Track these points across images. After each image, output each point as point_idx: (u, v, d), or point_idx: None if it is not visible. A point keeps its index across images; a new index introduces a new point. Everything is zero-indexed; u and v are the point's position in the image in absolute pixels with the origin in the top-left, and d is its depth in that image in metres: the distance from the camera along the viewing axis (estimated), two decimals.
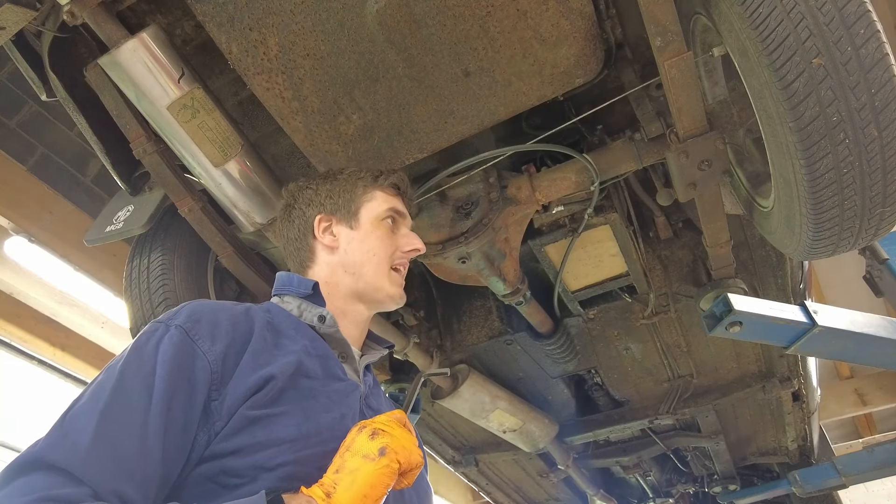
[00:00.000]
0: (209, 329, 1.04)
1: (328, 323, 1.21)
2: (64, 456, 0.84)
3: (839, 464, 3.27)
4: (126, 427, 0.89)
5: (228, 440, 0.96)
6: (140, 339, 1.01)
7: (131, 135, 1.75)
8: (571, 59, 1.54)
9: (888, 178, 1.27)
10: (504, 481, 4.00)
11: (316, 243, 1.34)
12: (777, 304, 1.98)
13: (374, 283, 1.30)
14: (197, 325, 1.03)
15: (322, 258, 1.33)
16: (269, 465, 0.96)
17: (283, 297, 1.28)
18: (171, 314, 1.06)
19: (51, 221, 3.57)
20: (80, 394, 0.97)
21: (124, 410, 0.90)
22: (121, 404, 0.91)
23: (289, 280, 1.29)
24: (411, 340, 2.45)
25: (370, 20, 1.48)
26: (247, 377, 1.02)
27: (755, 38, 1.22)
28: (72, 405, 0.94)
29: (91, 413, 0.89)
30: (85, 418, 0.88)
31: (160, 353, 0.97)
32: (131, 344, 1.02)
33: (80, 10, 1.47)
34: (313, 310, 1.23)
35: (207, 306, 1.10)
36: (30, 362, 4.42)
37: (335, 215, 1.35)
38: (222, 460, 0.95)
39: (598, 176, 1.81)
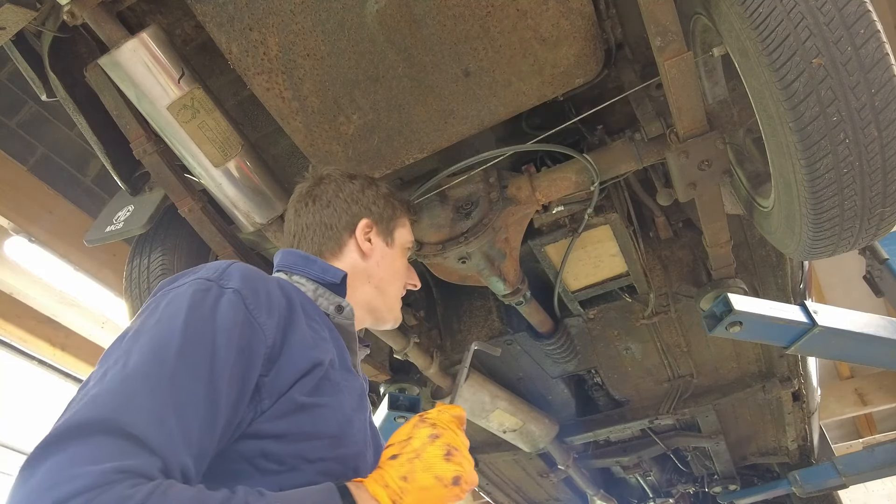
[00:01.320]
0: (265, 300, 0.98)
1: (345, 314, 1.19)
2: (134, 420, 0.76)
3: (839, 464, 3.27)
4: (192, 397, 0.82)
5: (273, 422, 0.92)
6: (194, 296, 0.93)
7: (131, 135, 1.75)
8: (571, 59, 1.54)
9: (888, 178, 1.27)
10: (504, 481, 4.00)
11: (351, 241, 1.31)
12: (777, 304, 1.98)
13: (389, 304, 1.35)
14: (254, 295, 0.97)
15: (350, 257, 1.30)
16: (310, 457, 0.94)
17: (293, 275, 1.23)
18: (220, 272, 0.99)
19: (51, 221, 3.58)
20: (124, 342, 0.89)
21: (189, 378, 0.83)
22: (186, 371, 0.84)
23: (305, 261, 1.24)
24: (411, 340, 2.45)
25: (370, 20, 1.48)
26: (296, 357, 0.99)
27: (755, 38, 1.22)
28: (122, 357, 0.85)
29: (158, 377, 0.81)
30: (152, 381, 0.81)
31: (219, 319, 0.90)
32: (181, 297, 0.93)
33: (80, 10, 1.47)
34: (331, 297, 1.20)
35: (256, 273, 1.04)
36: (30, 362, 4.43)
37: (378, 225, 1.35)
38: (263, 441, 0.91)
39: (598, 176, 1.81)
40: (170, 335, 0.86)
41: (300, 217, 1.34)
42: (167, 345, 0.85)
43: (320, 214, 1.32)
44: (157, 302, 0.95)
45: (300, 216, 1.34)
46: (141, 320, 0.92)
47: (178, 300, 0.92)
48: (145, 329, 0.89)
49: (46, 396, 4.57)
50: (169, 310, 0.91)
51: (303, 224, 1.33)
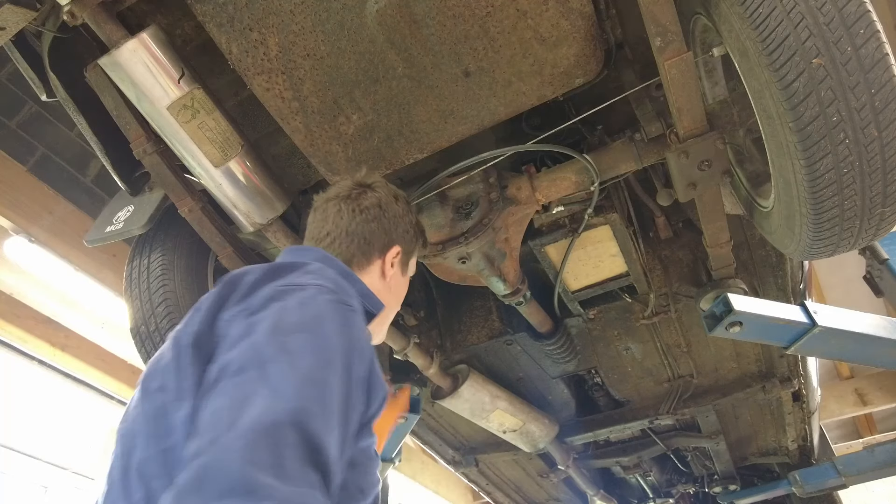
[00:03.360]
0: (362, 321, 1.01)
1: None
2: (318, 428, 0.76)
3: (839, 464, 3.26)
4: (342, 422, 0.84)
5: (352, 449, 0.92)
6: (331, 306, 0.94)
7: (131, 135, 1.75)
8: (571, 59, 1.54)
9: (888, 178, 1.27)
10: (504, 481, 4.00)
11: (378, 261, 1.32)
12: (777, 304, 1.98)
13: (384, 328, 1.38)
14: (359, 315, 1.00)
15: (371, 277, 1.31)
16: (364, 487, 0.96)
17: None
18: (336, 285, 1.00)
19: (51, 221, 3.58)
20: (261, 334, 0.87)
21: (341, 399, 0.85)
22: (344, 388, 0.86)
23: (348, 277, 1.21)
24: (411, 340, 2.45)
25: (370, 20, 1.48)
26: (378, 388, 0.99)
27: (755, 38, 1.22)
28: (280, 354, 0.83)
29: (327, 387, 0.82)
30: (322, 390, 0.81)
31: (355, 339, 0.92)
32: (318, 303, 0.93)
33: (80, 10, 1.47)
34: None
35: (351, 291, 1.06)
36: (30, 362, 4.43)
37: (404, 255, 1.38)
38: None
39: (598, 176, 1.81)
40: (327, 345, 0.87)
41: (342, 219, 1.32)
42: (327, 354, 0.85)
43: (364, 227, 1.31)
44: (283, 300, 0.94)
45: (342, 218, 1.32)
46: (274, 316, 0.90)
47: (313, 305, 0.93)
48: (289, 327, 0.88)
49: (46, 397, 4.57)
50: (309, 313, 0.91)
51: (344, 228, 1.31)
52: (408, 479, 6.69)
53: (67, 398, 4.71)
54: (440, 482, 7.25)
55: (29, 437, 4.39)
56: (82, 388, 4.79)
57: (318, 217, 1.35)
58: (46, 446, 4.47)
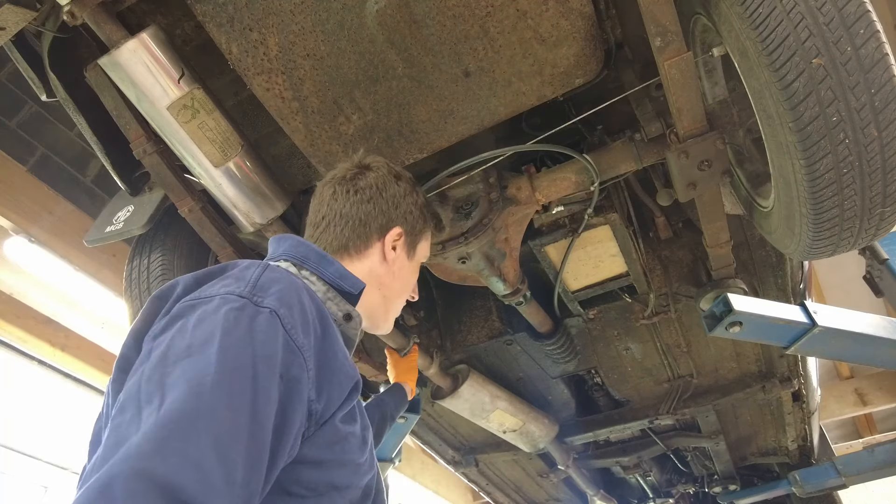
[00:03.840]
0: (300, 316, 0.91)
1: (353, 324, 1.14)
2: (170, 470, 0.69)
3: (839, 464, 3.26)
4: (233, 436, 0.75)
5: (313, 449, 0.89)
6: (227, 317, 0.85)
7: (131, 135, 1.75)
8: (571, 59, 1.54)
9: (888, 178, 1.27)
10: (504, 481, 4.00)
11: (377, 244, 1.27)
12: (777, 304, 1.98)
13: (389, 315, 1.34)
14: (290, 312, 0.90)
15: (371, 260, 1.26)
16: (339, 484, 0.93)
17: (302, 269, 1.14)
18: (251, 286, 0.92)
19: (51, 221, 3.58)
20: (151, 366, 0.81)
21: (230, 415, 0.76)
22: (225, 407, 0.76)
23: (321, 259, 1.15)
24: (411, 340, 2.45)
25: (370, 20, 1.48)
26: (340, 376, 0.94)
27: (755, 38, 1.22)
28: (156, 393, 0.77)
29: (195, 418, 0.74)
30: (187, 423, 0.73)
31: (257, 344, 0.83)
32: (212, 317, 0.86)
33: (80, 10, 1.47)
34: (342, 304, 1.13)
35: (287, 282, 0.96)
36: (30, 362, 4.43)
37: (407, 236, 1.32)
38: (300, 467, 0.87)
39: (598, 176, 1.81)
40: (204, 367, 0.78)
41: (336, 202, 1.28)
42: (202, 379, 0.77)
43: (359, 208, 1.27)
44: (185, 317, 0.88)
45: (336, 201, 1.28)
46: (168, 340, 0.85)
47: (209, 321, 0.85)
48: (176, 355, 0.82)
49: (46, 397, 4.57)
50: (200, 333, 0.83)
51: (338, 210, 1.27)
52: (408, 479, 6.69)
53: (67, 398, 4.71)
54: (440, 482, 7.25)
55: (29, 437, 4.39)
56: (82, 388, 4.79)
57: (316, 202, 1.32)
58: (46, 446, 4.47)
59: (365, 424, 1.05)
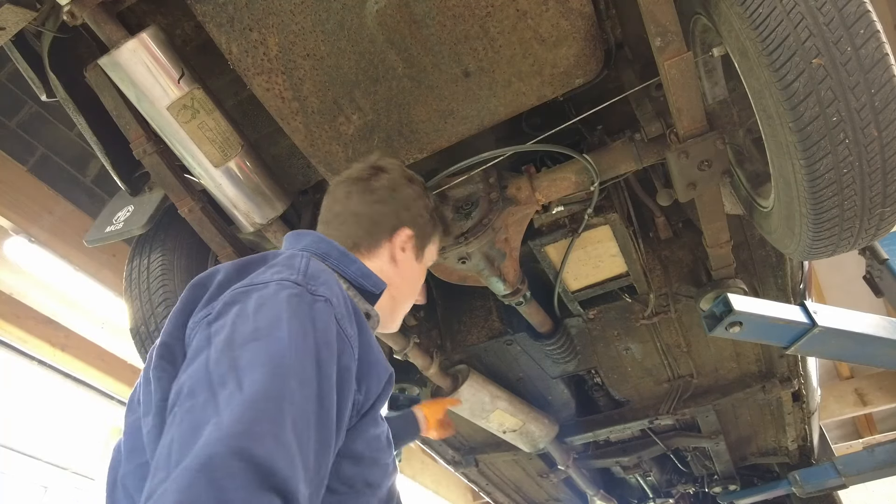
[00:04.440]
0: (345, 308, 0.92)
1: (371, 323, 1.14)
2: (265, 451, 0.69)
3: (839, 464, 3.26)
4: (307, 421, 0.77)
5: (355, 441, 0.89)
6: (291, 303, 0.86)
7: (131, 135, 1.75)
8: (571, 59, 1.54)
9: (888, 178, 1.27)
10: (504, 481, 3.99)
11: (386, 245, 1.28)
12: (777, 304, 1.98)
13: (396, 316, 1.35)
14: (340, 304, 0.91)
15: (380, 261, 1.26)
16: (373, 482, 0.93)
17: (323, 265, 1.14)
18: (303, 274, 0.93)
19: (51, 221, 3.58)
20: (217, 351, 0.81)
21: (304, 401, 0.78)
22: (301, 393, 0.78)
23: (343, 257, 1.16)
24: (411, 341, 2.45)
25: (370, 20, 1.48)
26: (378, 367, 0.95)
27: (755, 38, 1.22)
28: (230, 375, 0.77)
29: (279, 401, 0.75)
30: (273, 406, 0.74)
31: (319, 333, 0.84)
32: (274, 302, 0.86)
33: (80, 10, 1.47)
34: (362, 303, 1.13)
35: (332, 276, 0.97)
36: (30, 362, 4.43)
37: (417, 238, 1.32)
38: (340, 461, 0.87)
39: (597, 176, 1.81)
40: (280, 350, 0.80)
41: (350, 201, 1.29)
42: (280, 361, 0.78)
43: (372, 208, 1.28)
44: (242, 303, 0.88)
45: (350, 200, 1.29)
46: (230, 324, 0.85)
47: (271, 305, 0.86)
48: (243, 338, 0.82)
49: (46, 397, 4.57)
50: (265, 317, 0.84)
51: (352, 210, 1.28)
52: (408, 479, 6.69)
53: (67, 398, 4.71)
54: (440, 482, 7.25)
55: (29, 437, 4.39)
56: (82, 388, 4.79)
57: (329, 199, 1.33)
58: (46, 446, 4.47)
59: (387, 429, 1.06)
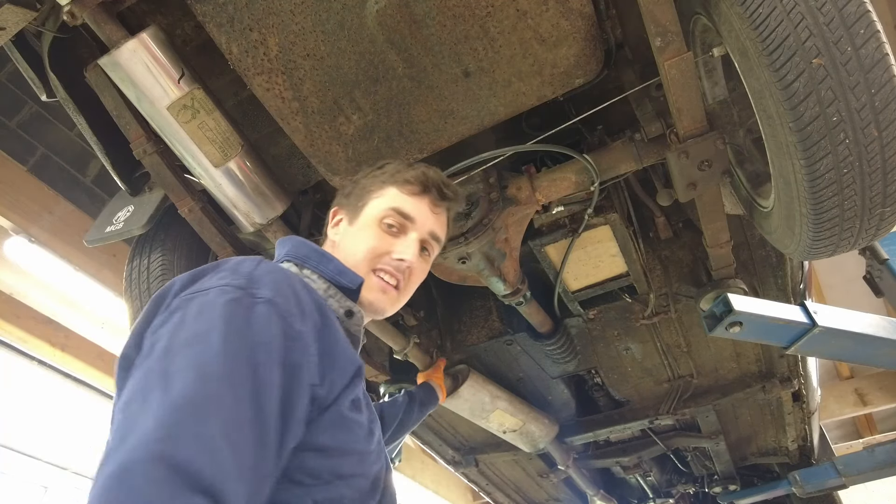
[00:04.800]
0: (296, 305, 0.94)
1: (355, 320, 1.16)
2: (188, 455, 0.70)
3: (840, 464, 3.26)
4: (240, 422, 0.77)
5: (317, 435, 0.90)
6: (227, 308, 0.87)
7: (131, 135, 1.75)
8: (571, 59, 1.54)
9: (888, 178, 1.27)
10: (504, 481, 3.99)
11: (328, 232, 1.34)
12: (777, 304, 1.98)
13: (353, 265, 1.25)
14: (286, 302, 0.92)
15: (326, 249, 1.28)
16: (343, 472, 0.93)
17: (304, 269, 1.17)
18: (247, 278, 0.94)
19: (51, 221, 3.58)
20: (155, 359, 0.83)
21: (235, 402, 0.78)
22: (231, 395, 0.78)
23: (321, 257, 1.18)
24: (411, 340, 2.45)
25: (370, 20, 1.48)
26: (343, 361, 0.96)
27: (755, 38, 1.22)
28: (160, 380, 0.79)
29: (205, 404, 0.76)
30: (200, 409, 0.75)
31: (255, 334, 0.86)
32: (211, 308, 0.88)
33: (80, 10, 1.47)
34: (343, 301, 1.15)
35: (282, 274, 0.99)
36: (30, 362, 4.43)
37: (344, 209, 1.33)
38: (305, 453, 0.89)
39: (598, 176, 1.81)
40: (209, 354, 0.81)
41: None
42: (208, 366, 0.80)
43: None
44: (183, 310, 0.89)
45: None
46: (169, 332, 0.87)
47: (208, 312, 0.87)
48: (178, 345, 0.83)
49: (46, 397, 4.57)
50: (201, 323, 0.86)
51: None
52: (408, 479, 6.69)
53: (67, 398, 4.71)
54: (440, 482, 7.25)
55: (29, 437, 4.39)
56: (82, 388, 4.79)
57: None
58: (46, 446, 4.47)
59: (372, 417, 1.06)
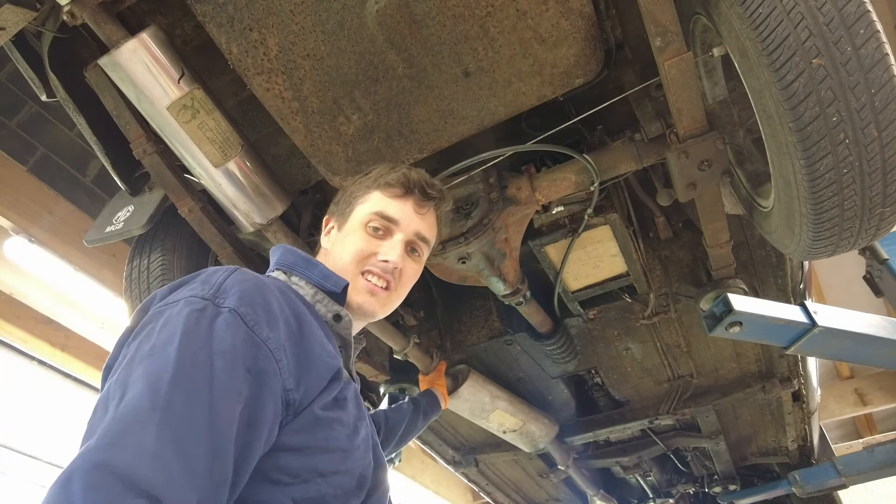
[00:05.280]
0: (265, 313, 0.95)
1: (343, 324, 1.17)
2: (128, 462, 0.71)
3: (839, 464, 3.26)
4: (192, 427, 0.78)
5: (292, 436, 0.92)
6: (188, 319, 0.89)
7: (131, 135, 1.75)
8: (571, 59, 1.54)
9: (888, 178, 1.27)
10: (504, 481, 4.00)
11: (321, 240, 1.35)
12: (777, 304, 1.98)
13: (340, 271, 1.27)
14: (251, 310, 0.93)
15: (320, 257, 1.31)
16: (323, 470, 0.94)
17: (292, 276, 1.20)
18: (215, 288, 0.96)
19: (51, 221, 3.58)
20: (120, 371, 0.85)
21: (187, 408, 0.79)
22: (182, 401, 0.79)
23: (306, 263, 1.21)
24: (411, 341, 2.45)
25: (370, 20, 1.48)
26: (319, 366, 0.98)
27: (755, 38, 1.22)
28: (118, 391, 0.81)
29: (151, 411, 0.77)
30: (145, 416, 0.76)
31: (216, 342, 0.87)
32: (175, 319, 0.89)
33: (80, 10, 1.47)
34: (331, 305, 1.17)
35: (253, 283, 1.00)
36: (30, 362, 4.43)
37: (334, 216, 1.36)
38: (280, 454, 0.90)
39: (597, 176, 1.81)
40: (163, 364, 0.82)
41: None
42: (160, 376, 0.81)
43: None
44: (154, 322, 0.92)
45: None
46: (137, 344, 0.90)
47: (172, 323, 0.89)
48: (140, 357, 0.86)
49: (46, 397, 4.57)
50: (163, 335, 0.87)
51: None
52: (408, 479, 6.69)
53: (67, 398, 4.71)
54: (440, 482, 7.25)
55: (29, 437, 4.39)
56: (82, 388, 4.78)
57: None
58: (46, 446, 4.47)
59: (359, 416, 1.08)
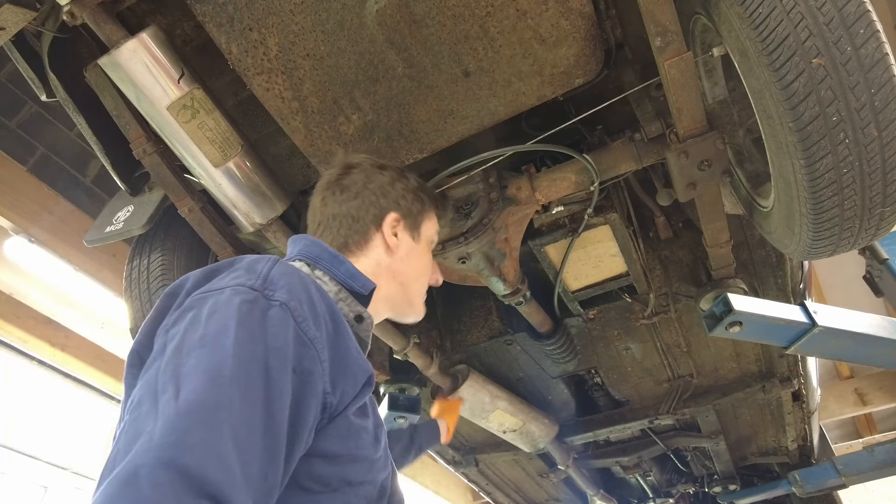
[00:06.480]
0: (310, 310, 0.92)
1: (364, 326, 1.14)
2: (195, 461, 0.69)
3: (839, 464, 3.26)
4: (250, 428, 0.76)
5: (326, 441, 0.89)
6: (241, 309, 0.86)
7: (131, 135, 1.75)
8: (571, 59, 1.54)
9: (888, 178, 1.27)
10: (504, 481, 4.00)
11: (377, 235, 1.27)
12: (777, 304, 1.98)
13: (413, 300, 1.34)
14: (300, 306, 0.91)
15: (375, 253, 1.26)
16: (353, 479, 0.93)
17: (315, 269, 1.15)
18: (262, 279, 0.92)
19: (51, 221, 3.58)
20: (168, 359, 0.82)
21: (246, 407, 0.77)
22: (242, 400, 0.77)
23: (333, 259, 1.17)
24: (411, 340, 2.45)
25: (370, 20, 1.48)
26: (354, 368, 0.95)
27: (755, 38, 1.22)
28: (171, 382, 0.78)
29: (216, 409, 0.74)
30: (209, 414, 0.74)
31: (270, 338, 0.84)
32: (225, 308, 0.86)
33: (79, 10, 1.47)
34: (354, 305, 1.13)
35: (297, 276, 0.97)
36: (30, 362, 4.43)
37: (405, 219, 1.32)
38: (313, 460, 0.88)
39: (597, 176, 1.81)
40: (222, 358, 0.79)
41: (326, 206, 1.30)
42: (220, 370, 0.78)
43: (348, 205, 1.28)
44: (197, 309, 0.88)
45: (326, 205, 1.30)
46: (182, 332, 0.86)
47: (222, 312, 0.86)
48: (190, 346, 0.82)
49: (46, 397, 4.57)
50: (214, 324, 0.84)
51: (329, 214, 1.29)
52: (408, 479, 6.69)
53: (67, 398, 4.71)
54: (440, 482, 7.25)
55: (29, 437, 4.39)
56: (82, 388, 4.79)
57: (310, 212, 1.35)
58: (46, 446, 4.47)
59: (378, 423, 1.05)
